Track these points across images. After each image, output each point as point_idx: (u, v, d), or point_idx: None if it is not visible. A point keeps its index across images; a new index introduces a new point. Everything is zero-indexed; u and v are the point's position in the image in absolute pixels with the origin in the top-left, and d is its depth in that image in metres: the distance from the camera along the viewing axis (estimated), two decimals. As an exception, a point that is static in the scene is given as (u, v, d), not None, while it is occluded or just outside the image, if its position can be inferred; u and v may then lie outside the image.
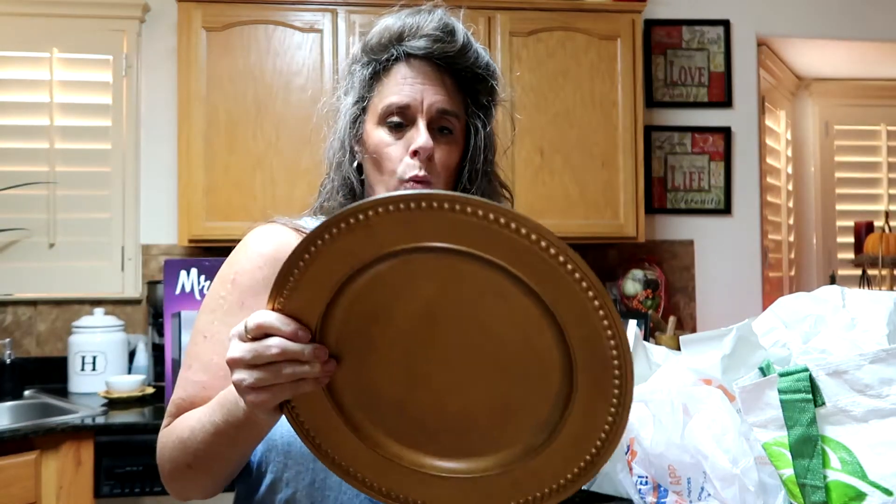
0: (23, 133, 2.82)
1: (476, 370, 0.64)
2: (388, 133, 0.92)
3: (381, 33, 0.94)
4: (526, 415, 0.65)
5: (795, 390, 0.80)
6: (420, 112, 0.91)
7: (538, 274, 0.58)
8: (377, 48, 0.95)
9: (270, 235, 0.94)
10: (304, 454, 0.88)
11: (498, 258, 0.58)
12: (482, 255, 0.59)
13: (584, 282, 0.57)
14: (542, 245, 0.56)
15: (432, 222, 0.58)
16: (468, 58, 0.95)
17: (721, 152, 3.13)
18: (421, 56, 0.93)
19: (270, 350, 0.64)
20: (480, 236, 0.57)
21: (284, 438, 0.89)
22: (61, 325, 2.81)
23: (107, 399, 2.41)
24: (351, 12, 2.61)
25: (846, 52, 3.48)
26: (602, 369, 0.61)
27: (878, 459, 0.76)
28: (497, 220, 0.56)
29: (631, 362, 0.59)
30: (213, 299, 0.93)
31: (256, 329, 0.65)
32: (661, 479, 0.98)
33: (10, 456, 2.04)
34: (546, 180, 2.68)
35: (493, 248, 0.58)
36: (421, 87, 0.92)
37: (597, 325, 0.59)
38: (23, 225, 2.78)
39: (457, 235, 0.58)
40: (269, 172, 2.57)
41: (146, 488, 2.14)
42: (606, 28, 2.72)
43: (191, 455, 0.84)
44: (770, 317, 1.01)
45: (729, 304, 3.10)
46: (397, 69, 0.93)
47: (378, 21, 0.96)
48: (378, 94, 0.94)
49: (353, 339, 0.66)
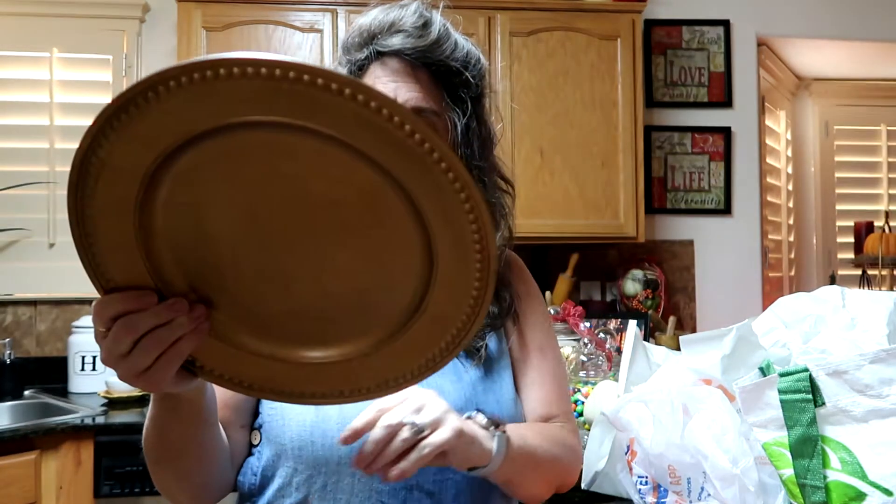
0: (23, 133, 2.82)
1: (322, 238, 0.59)
2: None
3: (356, 33, 0.94)
4: (391, 289, 0.62)
5: (795, 390, 0.80)
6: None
7: (372, 141, 0.51)
8: (352, 48, 0.94)
9: None
10: (316, 458, 0.87)
11: (324, 127, 0.51)
12: (302, 125, 0.51)
13: (426, 143, 0.51)
14: (379, 111, 0.49)
15: (231, 94, 0.49)
16: (443, 50, 0.92)
17: (721, 152, 3.13)
18: (392, 53, 0.91)
19: (121, 334, 0.59)
20: (297, 103, 0.49)
21: (294, 443, 0.87)
22: (61, 325, 2.81)
23: (107, 399, 2.41)
24: (351, 12, 2.61)
25: (846, 52, 3.48)
26: (461, 242, 0.57)
27: (878, 459, 0.76)
28: (314, 82, 0.48)
29: (491, 234, 0.56)
30: None
31: (102, 320, 0.60)
32: (660, 480, 0.98)
33: (10, 456, 2.04)
34: (546, 180, 2.68)
35: (314, 115, 0.50)
36: (393, 85, 0.90)
37: (451, 197, 0.54)
38: (23, 225, 2.78)
39: (265, 106, 0.49)
40: (269, 172, 2.57)
41: (146, 488, 2.14)
42: (606, 28, 2.72)
43: (150, 451, 0.83)
44: (770, 317, 1.01)
45: (729, 304, 3.10)
46: (371, 69, 0.93)
47: (357, 19, 0.95)
48: None
49: (198, 274, 0.60)
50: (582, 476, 1.23)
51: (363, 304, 0.63)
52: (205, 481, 0.88)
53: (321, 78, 0.48)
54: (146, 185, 0.54)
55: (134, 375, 0.61)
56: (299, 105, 0.49)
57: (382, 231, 0.58)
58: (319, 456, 0.86)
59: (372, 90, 0.49)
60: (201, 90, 0.48)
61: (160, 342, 0.60)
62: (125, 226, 0.56)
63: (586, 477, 1.22)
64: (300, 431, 0.87)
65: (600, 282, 3.05)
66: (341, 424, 0.83)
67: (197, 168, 0.53)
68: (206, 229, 0.58)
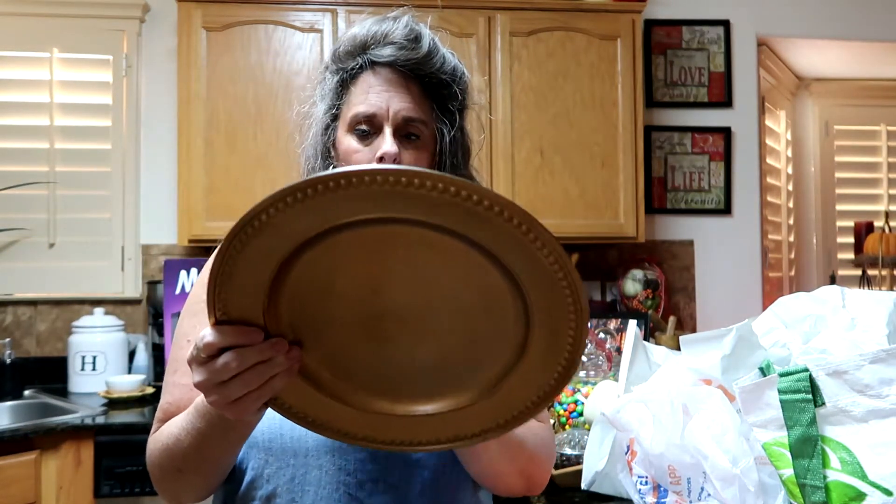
0: (23, 133, 2.82)
1: (432, 319, 0.65)
2: (357, 141, 0.93)
3: (348, 42, 0.96)
4: (487, 353, 0.66)
5: (795, 390, 0.80)
6: (386, 120, 0.92)
7: (470, 224, 0.58)
8: (344, 57, 0.96)
9: None
10: (284, 450, 0.89)
11: (420, 216, 0.58)
12: (404, 218, 0.58)
13: (522, 225, 0.56)
14: (472, 199, 0.56)
15: (344, 201, 0.57)
16: (433, 64, 0.95)
17: (721, 152, 3.13)
18: (386, 64, 0.94)
19: (230, 366, 0.64)
20: (396, 200, 0.57)
21: (265, 435, 0.90)
22: (61, 325, 2.81)
23: (107, 399, 2.41)
24: (351, 12, 2.61)
25: (846, 52, 3.48)
26: (557, 335, 0.63)
27: (878, 459, 0.76)
28: (411, 182, 0.55)
29: (585, 333, 0.61)
30: (195, 303, 0.95)
31: (207, 349, 0.65)
32: (661, 480, 0.98)
33: (10, 456, 2.04)
34: (546, 180, 2.68)
35: (412, 209, 0.57)
36: (386, 94, 0.93)
37: (546, 268, 0.58)
38: (23, 225, 2.78)
39: (374, 205, 0.58)
40: (270, 172, 2.57)
41: (146, 488, 2.14)
42: (606, 28, 2.72)
43: (179, 460, 0.84)
44: (770, 317, 1.01)
45: (729, 304, 3.10)
46: (364, 78, 0.95)
47: (347, 30, 0.98)
48: (346, 103, 0.95)
49: (306, 320, 0.66)
50: (582, 476, 1.23)
51: (445, 375, 0.69)
52: (218, 482, 0.92)
53: (465, 190, 0.55)
54: (297, 248, 0.61)
55: (225, 403, 0.66)
56: (435, 209, 0.57)
57: (489, 319, 0.64)
58: (288, 447, 0.88)
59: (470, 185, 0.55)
60: (358, 191, 0.57)
61: (259, 377, 0.65)
62: (263, 275, 0.62)
63: (586, 477, 1.22)
64: (270, 424, 0.89)
65: (600, 282, 3.05)
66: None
67: (342, 244, 0.61)
68: (332, 289, 0.65)
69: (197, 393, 0.85)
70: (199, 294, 0.94)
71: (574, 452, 1.55)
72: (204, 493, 0.91)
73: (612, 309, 2.98)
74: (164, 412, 0.92)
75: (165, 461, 0.86)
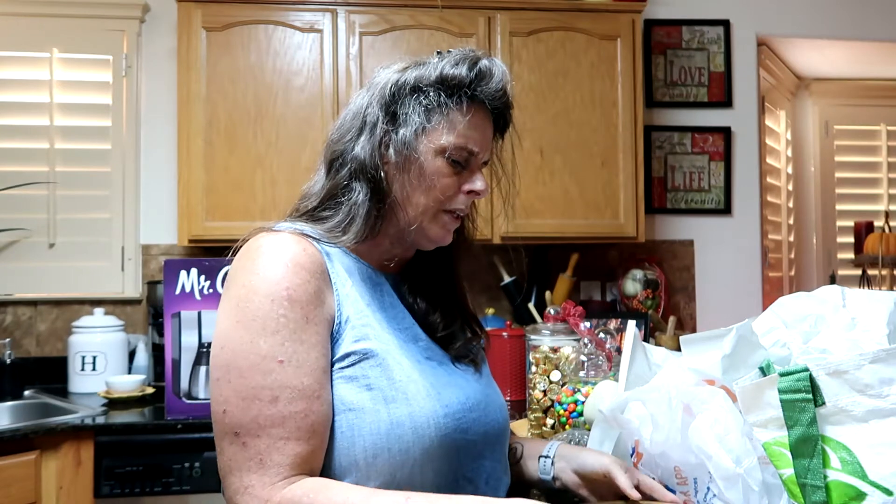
0: (23, 133, 2.82)
1: None
2: (448, 166, 0.98)
3: (460, 68, 0.98)
4: None
5: (795, 390, 0.80)
6: (480, 160, 1.01)
7: None
8: (451, 82, 0.98)
9: (292, 246, 0.92)
10: (387, 464, 0.87)
11: None
12: None
13: None
14: None
15: None
16: (510, 113, 1.06)
17: (721, 152, 3.13)
18: (486, 101, 1.00)
19: None
20: None
21: (368, 452, 0.87)
22: (61, 325, 2.81)
23: (107, 399, 2.41)
24: (351, 12, 2.61)
25: (846, 52, 3.48)
26: None
27: (878, 459, 0.76)
28: None
29: None
30: (272, 320, 0.86)
31: None
32: (667, 480, 0.98)
33: (10, 456, 2.04)
34: (546, 180, 2.67)
35: None
36: (488, 139, 1.02)
37: None
38: (23, 225, 2.78)
39: None
40: (270, 172, 2.57)
41: (146, 488, 2.14)
42: (606, 28, 2.72)
43: None
44: (770, 317, 1.01)
45: (729, 304, 3.10)
46: (470, 109, 0.99)
47: (446, 56, 1.00)
48: (445, 126, 0.97)
49: None
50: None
51: None
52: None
53: None
54: None
55: None
56: None
57: None
58: (394, 462, 0.87)
59: None
60: None
61: None
62: None
63: (586, 477, 1.21)
64: (373, 441, 0.87)
65: (600, 282, 3.05)
66: (414, 429, 0.88)
67: None
68: None
69: (313, 418, 0.84)
70: (273, 310, 0.86)
71: (574, 452, 1.55)
72: None
73: (612, 309, 2.98)
74: (295, 458, 0.83)
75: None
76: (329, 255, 0.96)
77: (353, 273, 0.97)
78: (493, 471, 0.99)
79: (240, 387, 0.84)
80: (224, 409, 0.85)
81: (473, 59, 0.99)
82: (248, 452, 0.83)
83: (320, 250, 0.94)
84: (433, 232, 1.00)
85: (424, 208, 0.98)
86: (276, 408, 0.83)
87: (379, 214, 0.97)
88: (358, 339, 0.90)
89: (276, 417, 0.83)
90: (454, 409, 0.92)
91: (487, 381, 1.06)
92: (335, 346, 0.90)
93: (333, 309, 0.91)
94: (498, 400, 1.05)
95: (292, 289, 0.87)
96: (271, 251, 0.90)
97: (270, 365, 0.84)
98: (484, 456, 0.97)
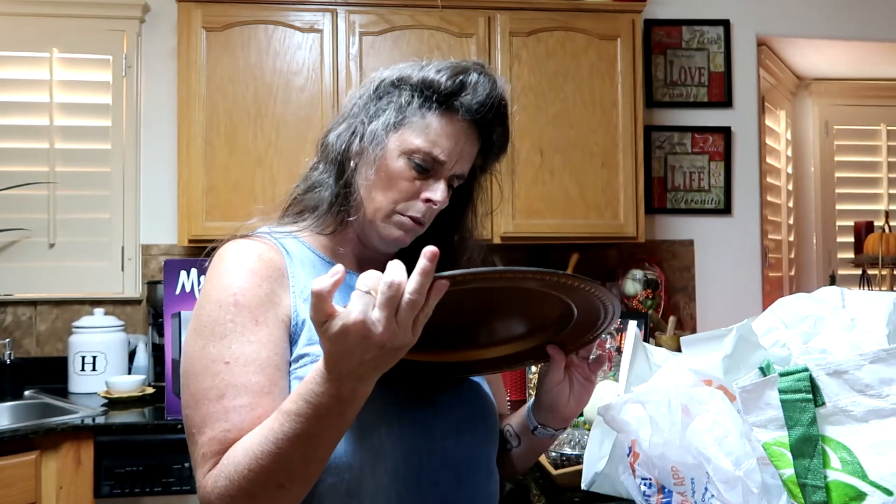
0: (23, 133, 2.82)
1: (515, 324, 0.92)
2: (410, 169, 0.97)
3: (441, 76, 0.96)
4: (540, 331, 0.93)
5: (795, 390, 0.80)
6: (447, 171, 0.98)
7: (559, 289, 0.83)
8: (429, 87, 0.97)
9: (251, 252, 0.93)
10: (339, 465, 0.87)
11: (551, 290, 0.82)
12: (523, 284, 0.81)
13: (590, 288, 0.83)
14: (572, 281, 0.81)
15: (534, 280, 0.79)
16: (503, 128, 1.02)
17: (721, 152, 3.13)
18: (467, 113, 0.97)
19: (421, 291, 0.70)
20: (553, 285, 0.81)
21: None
22: (61, 325, 2.81)
23: (107, 399, 2.42)
24: (351, 12, 2.61)
25: (846, 52, 3.48)
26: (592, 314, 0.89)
27: (879, 459, 0.76)
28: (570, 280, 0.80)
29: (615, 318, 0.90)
30: (220, 325, 0.88)
31: (395, 287, 0.69)
32: (664, 481, 0.98)
33: (10, 456, 2.04)
34: (546, 180, 2.68)
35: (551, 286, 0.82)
36: (459, 151, 0.98)
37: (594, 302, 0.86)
38: (23, 225, 2.79)
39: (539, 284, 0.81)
40: (269, 172, 2.57)
41: (146, 488, 2.14)
42: (606, 28, 2.72)
43: (281, 475, 0.78)
44: (770, 317, 1.01)
45: (729, 304, 3.10)
46: (447, 118, 0.97)
47: (442, 62, 0.99)
48: (415, 129, 0.96)
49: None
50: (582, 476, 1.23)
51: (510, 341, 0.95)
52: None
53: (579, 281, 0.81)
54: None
55: (409, 331, 0.71)
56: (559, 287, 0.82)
57: (543, 316, 0.91)
58: (342, 463, 0.87)
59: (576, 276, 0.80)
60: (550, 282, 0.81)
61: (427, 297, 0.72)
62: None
63: (586, 477, 1.22)
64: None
65: (600, 282, 3.05)
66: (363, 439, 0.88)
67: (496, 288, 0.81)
68: (462, 305, 0.82)
69: (259, 410, 0.83)
70: (221, 316, 0.88)
71: (574, 452, 1.55)
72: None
73: (612, 309, 2.97)
74: (221, 442, 0.83)
75: (256, 486, 0.79)
76: (292, 256, 0.96)
77: (319, 272, 0.96)
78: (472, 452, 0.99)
79: (194, 390, 0.87)
80: (186, 413, 0.88)
81: (459, 70, 0.97)
82: (197, 448, 0.85)
83: (282, 252, 0.96)
84: (386, 231, 0.98)
85: (380, 205, 0.97)
86: (221, 403, 0.85)
87: (346, 203, 0.98)
88: (312, 342, 0.90)
89: (220, 412, 0.84)
90: (398, 466, 0.91)
91: (480, 387, 1.04)
92: (293, 347, 0.91)
93: (290, 310, 0.92)
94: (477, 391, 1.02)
95: (240, 294, 0.89)
96: (228, 259, 0.93)
97: (218, 367, 0.86)
98: (459, 443, 0.97)
